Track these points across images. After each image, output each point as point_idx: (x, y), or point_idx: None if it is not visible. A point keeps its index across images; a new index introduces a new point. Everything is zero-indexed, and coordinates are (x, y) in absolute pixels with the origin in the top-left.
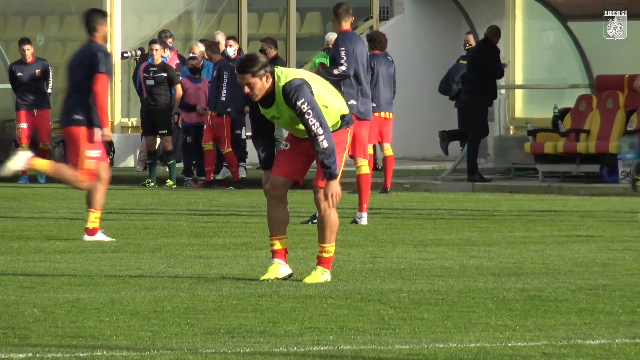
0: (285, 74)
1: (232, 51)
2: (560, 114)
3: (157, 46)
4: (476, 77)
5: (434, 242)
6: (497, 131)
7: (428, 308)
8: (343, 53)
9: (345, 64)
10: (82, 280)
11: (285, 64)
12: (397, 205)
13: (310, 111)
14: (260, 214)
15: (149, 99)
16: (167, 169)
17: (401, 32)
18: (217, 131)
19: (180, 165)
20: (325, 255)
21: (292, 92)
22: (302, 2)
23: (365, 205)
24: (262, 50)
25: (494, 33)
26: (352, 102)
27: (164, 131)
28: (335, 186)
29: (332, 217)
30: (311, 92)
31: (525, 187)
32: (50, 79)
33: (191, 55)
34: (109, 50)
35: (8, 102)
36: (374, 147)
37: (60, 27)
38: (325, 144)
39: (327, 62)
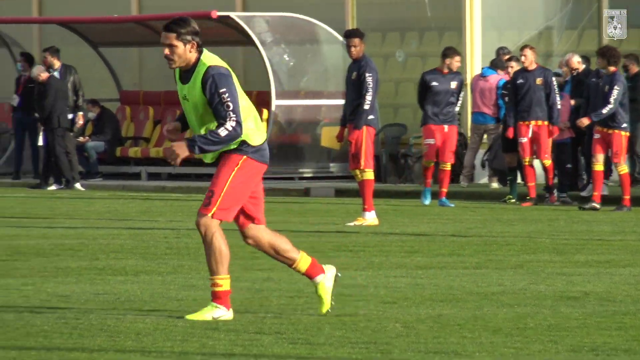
0: (213, 58)
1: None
2: None
3: (513, 63)
4: None
5: None
6: None
7: None
8: None
9: None
10: (444, 296)
11: None
12: None
13: (230, 104)
14: (623, 231)
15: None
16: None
17: None
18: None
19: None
20: (215, 289)
21: (215, 77)
22: None
23: None
24: (625, 67)
25: None
26: None
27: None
28: (183, 150)
29: (215, 244)
30: (235, 89)
31: None
32: (461, 95)
33: (556, 71)
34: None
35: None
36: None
37: (420, 42)
38: (224, 132)
39: None
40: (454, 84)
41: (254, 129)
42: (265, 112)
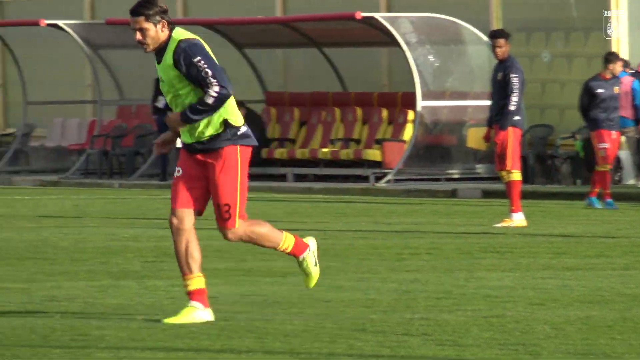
0: (185, 33)
1: None
2: None
3: None
4: None
5: None
6: None
7: None
8: None
9: None
10: (592, 297)
11: None
12: None
13: (207, 70)
14: None
15: None
16: None
17: None
18: None
19: None
20: (287, 251)
21: (187, 48)
22: None
23: None
24: None
25: None
26: None
27: None
28: (178, 124)
29: (253, 236)
30: (210, 55)
31: None
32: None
33: None
34: None
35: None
36: None
37: (566, 43)
38: (210, 100)
39: None
40: (616, 89)
41: (233, 106)
42: (410, 113)
